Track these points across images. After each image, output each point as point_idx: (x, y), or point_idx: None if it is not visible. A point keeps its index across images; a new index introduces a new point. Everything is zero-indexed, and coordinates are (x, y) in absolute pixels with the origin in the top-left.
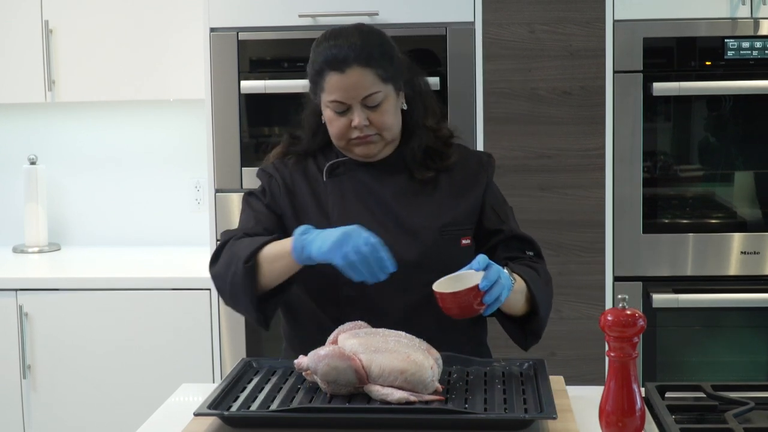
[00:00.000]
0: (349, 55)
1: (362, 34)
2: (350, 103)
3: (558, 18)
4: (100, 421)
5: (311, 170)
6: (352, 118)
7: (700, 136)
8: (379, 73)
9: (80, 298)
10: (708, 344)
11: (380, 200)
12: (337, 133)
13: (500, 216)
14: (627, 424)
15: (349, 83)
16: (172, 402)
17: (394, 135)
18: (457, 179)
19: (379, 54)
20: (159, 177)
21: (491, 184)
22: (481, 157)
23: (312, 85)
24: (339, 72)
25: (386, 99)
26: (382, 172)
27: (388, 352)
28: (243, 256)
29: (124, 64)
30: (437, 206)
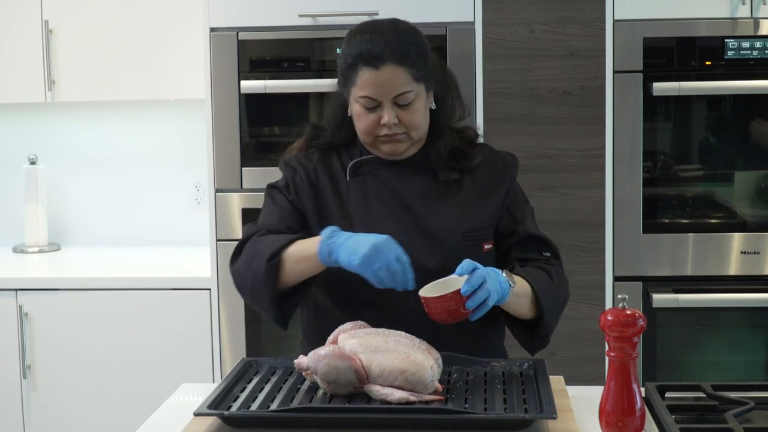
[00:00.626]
0: (385, 52)
1: (398, 31)
2: (381, 100)
3: (558, 18)
4: (100, 421)
5: (335, 167)
6: (382, 115)
7: (700, 136)
8: (413, 73)
9: (80, 298)
10: (708, 344)
11: (403, 202)
12: (365, 129)
13: (516, 217)
14: (627, 424)
15: (382, 80)
16: (172, 402)
17: (422, 135)
18: (482, 181)
19: (415, 53)
20: (159, 177)
21: (513, 185)
22: (506, 158)
23: (342, 77)
24: (373, 68)
25: (417, 98)
26: (406, 172)
27: (388, 352)
28: (266, 254)
29: (124, 64)
30: (460, 210)
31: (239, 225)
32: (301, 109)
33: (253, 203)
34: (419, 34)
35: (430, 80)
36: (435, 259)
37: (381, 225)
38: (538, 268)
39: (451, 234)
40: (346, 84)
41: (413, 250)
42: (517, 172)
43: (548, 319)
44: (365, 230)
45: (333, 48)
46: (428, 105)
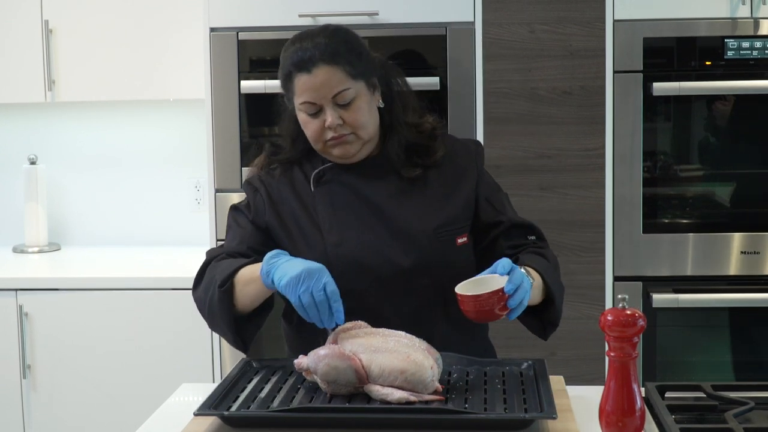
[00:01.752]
0: (315, 54)
1: (327, 33)
2: (321, 103)
3: (558, 18)
4: (100, 421)
5: (298, 179)
6: (325, 118)
7: (700, 136)
8: (348, 70)
9: (80, 298)
10: (708, 344)
11: (371, 205)
12: (313, 135)
13: (496, 206)
14: (627, 424)
15: (316, 82)
16: (172, 402)
17: (370, 133)
18: (448, 174)
19: (346, 50)
20: (159, 177)
21: (483, 174)
22: (469, 147)
23: (284, 90)
24: (306, 72)
25: (358, 96)
26: (369, 173)
27: (388, 352)
28: (219, 280)
29: (124, 64)
30: (429, 206)
31: None
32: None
33: None
34: (350, 34)
35: (370, 77)
36: (409, 258)
37: (351, 230)
38: (535, 254)
39: (422, 231)
40: (289, 96)
41: (387, 251)
42: (483, 158)
43: (558, 303)
44: (337, 238)
45: None
46: (374, 103)
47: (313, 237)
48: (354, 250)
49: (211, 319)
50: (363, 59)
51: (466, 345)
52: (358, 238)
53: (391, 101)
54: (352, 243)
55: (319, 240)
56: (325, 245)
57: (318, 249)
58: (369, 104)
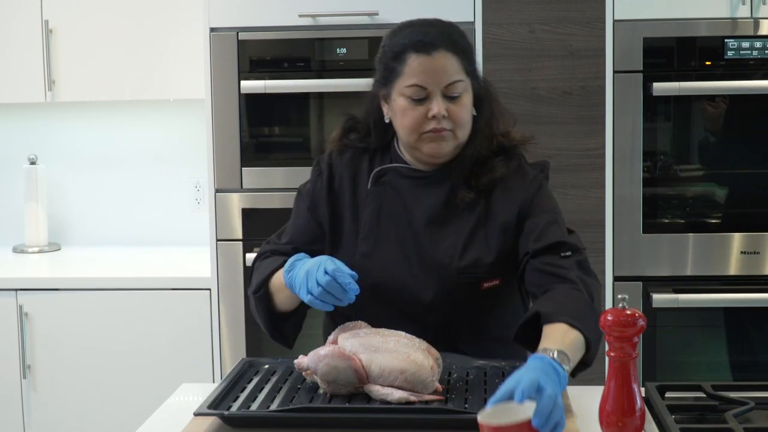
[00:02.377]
0: (437, 39)
1: (446, 24)
2: (431, 89)
3: (558, 18)
4: (100, 421)
5: (362, 171)
6: (430, 107)
7: (700, 136)
8: (464, 64)
9: (80, 298)
10: (708, 344)
11: (411, 227)
12: (411, 124)
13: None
14: (627, 424)
15: (435, 66)
16: (172, 402)
17: (466, 135)
18: (493, 206)
19: (466, 45)
20: (159, 177)
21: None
22: (527, 175)
23: (384, 72)
24: (425, 54)
25: (466, 92)
26: (425, 188)
27: (388, 352)
28: (254, 286)
29: (124, 64)
30: (463, 241)
31: (239, 225)
32: (301, 109)
33: (253, 203)
34: (465, 33)
35: (476, 78)
36: (429, 293)
37: (383, 246)
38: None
39: (447, 269)
40: (389, 78)
41: (410, 280)
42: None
43: (594, 349)
44: (368, 248)
45: (333, 48)
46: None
47: (348, 240)
48: (378, 269)
49: (257, 318)
50: (474, 59)
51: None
52: (386, 258)
53: (480, 111)
54: (380, 261)
55: (352, 245)
56: (355, 252)
57: (348, 254)
58: (471, 104)
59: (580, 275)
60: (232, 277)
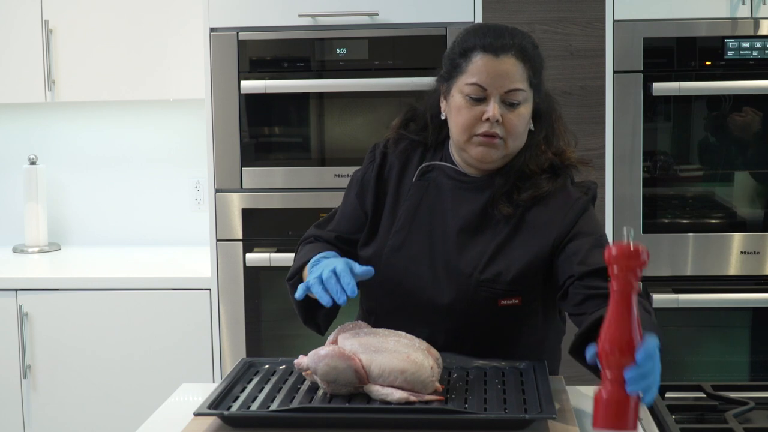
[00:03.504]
0: (509, 43)
1: (523, 34)
2: (490, 91)
3: (558, 18)
4: (100, 421)
5: (412, 165)
6: (486, 109)
7: (700, 136)
8: (529, 75)
9: (80, 298)
10: (708, 344)
11: (444, 229)
12: (464, 123)
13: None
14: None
15: (499, 69)
16: (172, 402)
17: (517, 147)
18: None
19: (535, 56)
20: (159, 177)
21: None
22: (570, 197)
23: (449, 68)
24: (492, 55)
25: (525, 103)
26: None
27: (388, 352)
28: (289, 273)
29: (124, 64)
30: (488, 255)
31: (239, 225)
32: (301, 109)
33: (253, 203)
34: (539, 48)
35: (540, 92)
36: (447, 298)
37: (413, 246)
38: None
39: (467, 279)
40: (452, 74)
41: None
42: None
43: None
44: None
45: (333, 48)
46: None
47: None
48: (403, 265)
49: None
50: (541, 73)
51: None
52: (413, 255)
53: (539, 128)
54: (406, 257)
55: (385, 237)
56: (385, 244)
57: (378, 244)
58: (528, 119)
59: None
60: (232, 277)
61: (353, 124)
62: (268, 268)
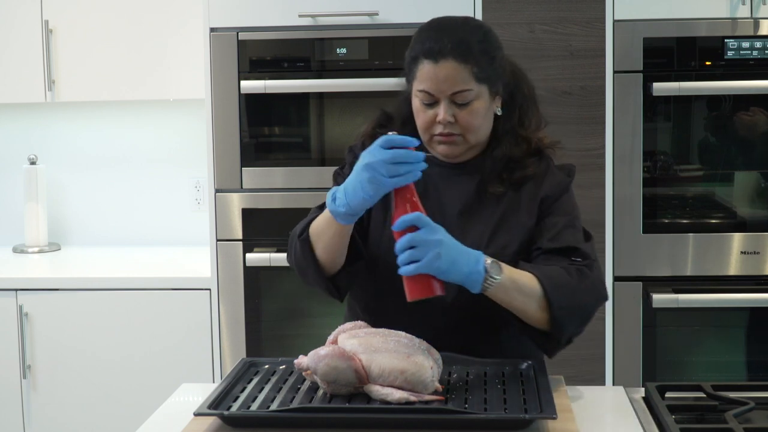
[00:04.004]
0: (446, 47)
1: (467, 28)
2: (438, 96)
3: (558, 18)
4: (100, 421)
5: None
6: (438, 112)
7: (700, 136)
8: (475, 72)
9: (80, 298)
10: (708, 344)
11: (442, 215)
12: (422, 125)
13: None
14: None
15: (440, 75)
16: (172, 402)
17: (480, 139)
18: (522, 200)
19: (480, 51)
20: (159, 177)
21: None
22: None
23: (406, 71)
24: (433, 61)
25: (477, 99)
26: (457, 176)
27: (388, 352)
28: (298, 231)
29: (124, 64)
30: (489, 231)
31: (239, 225)
32: (301, 109)
33: (253, 203)
34: (491, 34)
35: (495, 83)
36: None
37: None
38: (561, 268)
39: None
40: (408, 78)
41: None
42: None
43: (558, 315)
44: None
45: (333, 48)
46: (491, 109)
47: (377, 225)
48: None
49: (302, 273)
50: (494, 64)
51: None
52: None
53: (511, 111)
54: None
55: (381, 230)
56: (383, 238)
57: (375, 236)
58: (486, 109)
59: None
60: (232, 277)
61: (353, 124)
62: (268, 268)
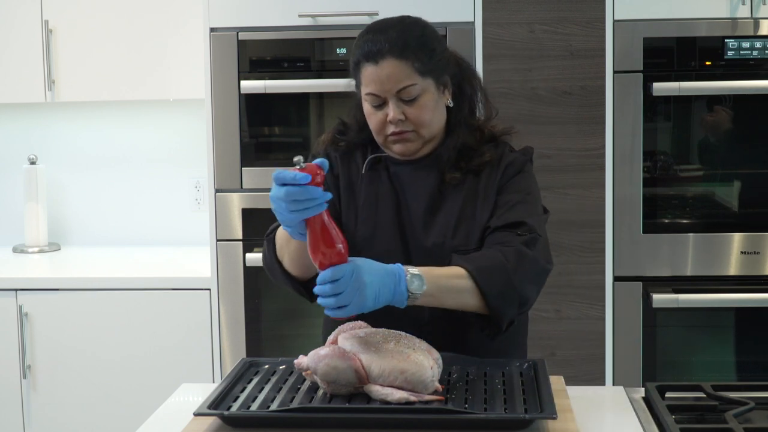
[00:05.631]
0: (384, 47)
1: (402, 26)
2: (385, 96)
3: (558, 18)
4: (100, 421)
5: (356, 161)
6: (388, 112)
7: (700, 136)
8: (416, 66)
9: (80, 298)
10: (708, 344)
11: (409, 211)
12: (375, 128)
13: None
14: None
15: (382, 75)
16: (172, 402)
17: (433, 132)
18: (481, 184)
19: (418, 45)
20: (159, 177)
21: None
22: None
23: (353, 78)
24: (374, 63)
25: (424, 93)
26: (418, 171)
27: (388, 352)
28: (268, 231)
29: (124, 64)
30: (454, 221)
31: (239, 225)
32: (301, 109)
33: (253, 203)
34: (427, 29)
35: (440, 75)
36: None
37: (384, 233)
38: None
39: (441, 249)
40: (357, 85)
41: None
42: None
43: (494, 303)
44: (367, 231)
45: (333, 48)
46: (441, 101)
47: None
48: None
49: (272, 273)
50: (435, 56)
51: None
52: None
53: (460, 102)
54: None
55: (351, 227)
56: (354, 236)
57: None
58: (435, 102)
59: (519, 247)
60: (232, 277)
61: None
62: None
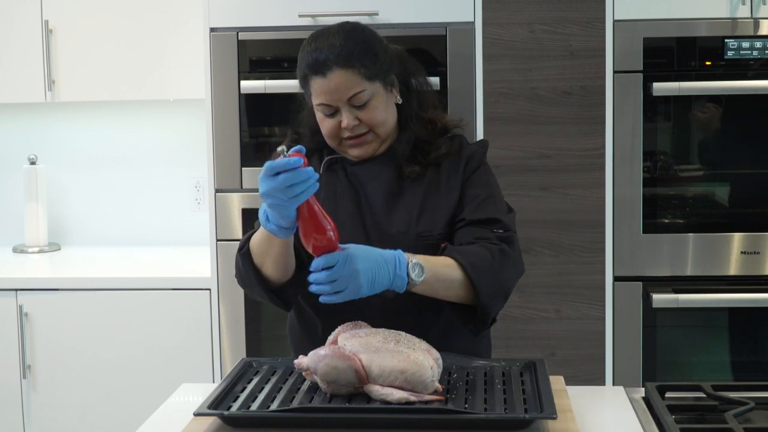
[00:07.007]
0: (329, 58)
1: (343, 34)
2: (337, 105)
3: (558, 18)
4: (100, 421)
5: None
6: (341, 119)
7: (700, 136)
8: (363, 72)
9: (80, 298)
10: (708, 344)
11: (369, 204)
12: (328, 134)
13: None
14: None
15: (331, 86)
16: (172, 402)
17: (388, 131)
18: (442, 176)
19: (361, 52)
20: (159, 177)
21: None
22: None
23: (302, 89)
24: (321, 75)
25: (374, 96)
26: (375, 167)
27: (388, 352)
28: (239, 246)
29: (124, 64)
30: (418, 209)
31: (239, 225)
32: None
33: (253, 203)
34: (367, 33)
35: (387, 76)
36: None
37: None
38: (482, 247)
39: (406, 236)
40: (306, 94)
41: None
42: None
43: (485, 301)
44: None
45: None
46: (391, 100)
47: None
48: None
49: (248, 287)
50: (379, 59)
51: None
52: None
53: (408, 97)
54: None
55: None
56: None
57: None
58: (386, 103)
59: (503, 247)
60: (232, 277)
61: None
62: None
